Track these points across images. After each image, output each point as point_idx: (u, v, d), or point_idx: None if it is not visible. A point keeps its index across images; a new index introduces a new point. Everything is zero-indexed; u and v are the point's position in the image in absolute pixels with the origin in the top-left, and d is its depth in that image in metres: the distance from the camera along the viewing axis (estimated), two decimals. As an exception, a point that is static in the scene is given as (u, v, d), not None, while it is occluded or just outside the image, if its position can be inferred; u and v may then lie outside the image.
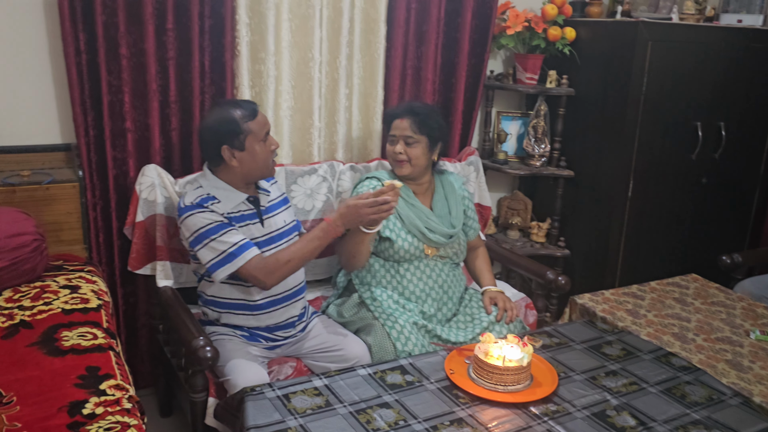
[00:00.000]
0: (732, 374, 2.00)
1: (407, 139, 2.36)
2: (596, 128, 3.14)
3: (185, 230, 2.06)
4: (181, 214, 2.06)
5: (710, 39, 3.10)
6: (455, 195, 2.50)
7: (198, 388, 2.03)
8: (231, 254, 2.00)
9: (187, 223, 2.04)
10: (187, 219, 2.04)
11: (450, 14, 2.93)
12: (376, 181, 2.41)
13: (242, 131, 2.06)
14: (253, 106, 2.12)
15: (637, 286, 2.61)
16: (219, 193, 2.10)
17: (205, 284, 2.17)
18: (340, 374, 1.89)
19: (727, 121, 3.25)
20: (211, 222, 2.02)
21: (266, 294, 2.14)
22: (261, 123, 2.10)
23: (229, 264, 2.00)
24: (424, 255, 2.38)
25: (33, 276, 2.03)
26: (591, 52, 3.12)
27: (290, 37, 2.62)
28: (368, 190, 2.35)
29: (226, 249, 2.00)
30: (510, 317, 2.37)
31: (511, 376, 1.83)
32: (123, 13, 2.31)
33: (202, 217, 2.02)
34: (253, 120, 2.08)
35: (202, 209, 2.03)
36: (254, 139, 2.08)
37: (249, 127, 2.07)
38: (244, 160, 2.08)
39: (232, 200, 2.11)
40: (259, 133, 2.09)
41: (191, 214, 2.03)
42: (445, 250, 2.42)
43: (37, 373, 1.58)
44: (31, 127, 2.40)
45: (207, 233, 2.01)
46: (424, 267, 2.38)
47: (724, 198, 3.41)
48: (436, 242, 2.37)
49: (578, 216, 3.30)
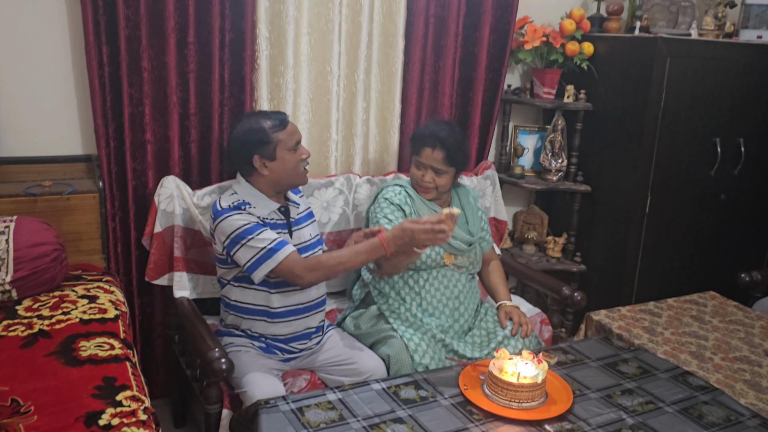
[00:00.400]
0: (750, 395, 1.97)
1: (437, 170, 2.35)
2: (614, 143, 3.13)
3: (220, 233, 2.08)
4: (217, 216, 2.08)
5: (729, 55, 3.08)
6: (471, 206, 2.52)
7: (212, 399, 2.04)
8: (270, 250, 2.02)
9: (223, 225, 2.06)
10: (223, 221, 2.06)
11: (468, 29, 2.94)
12: (400, 188, 2.42)
13: (272, 141, 2.10)
14: (282, 117, 2.16)
15: (654, 303, 2.59)
16: (253, 200, 2.13)
17: (230, 288, 2.18)
18: (353, 388, 1.89)
19: (747, 137, 3.22)
20: (247, 222, 2.05)
21: (286, 303, 2.16)
22: (290, 132, 2.14)
23: (268, 261, 2.02)
24: (443, 264, 2.38)
25: (52, 285, 2.06)
26: (609, 67, 3.11)
27: (309, 50, 2.65)
28: (397, 197, 2.38)
29: (264, 246, 2.02)
30: (525, 332, 2.36)
31: (526, 393, 1.82)
32: (146, 26, 2.34)
33: (238, 218, 2.05)
34: (283, 130, 2.12)
35: (239, 211, 2.07)
36: (284, 148, 2.12)
37: (278, 136, 2.11)
38: (275, 169, 2.12)
39: (265, 207, 2.14)
40: (288, 142, 2.12)
41: (227, 216, 2.06)
42: (462, 260, 2.42)
43: (54, 383, 1.59)
44: (54, 138, 2.45)
45: (243, 233, 2.03)
46: (441, 277, 2.39)
47: (743, 215, 3.38)
48: (457, 248, 2.38)
49: (595, 231, 3.28)
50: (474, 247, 2.45)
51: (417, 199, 2.42)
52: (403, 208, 2.38)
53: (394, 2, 2.74)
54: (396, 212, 2.37)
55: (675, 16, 3.23)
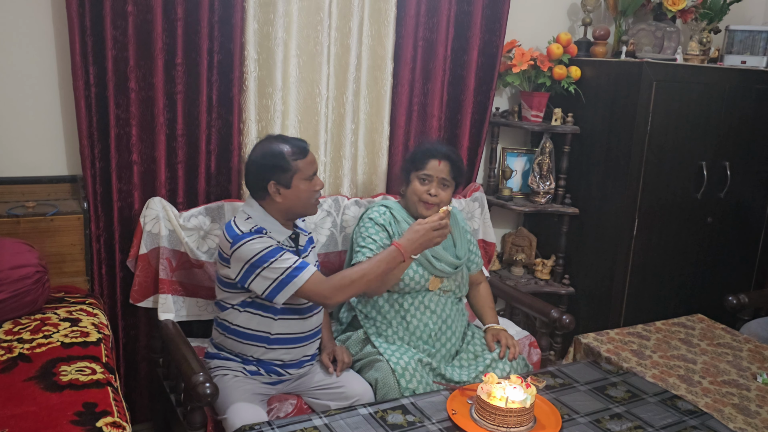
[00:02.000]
0: (739, 419, 1.96)
1: (443, 181, 2.36)
2: (601, 166, 3.15)
3: (239, 258, 2.01)
4: (237, 241, 2.02)
5: (714, 80, 3.12)
6: (458, 228, 2.51)
7: (196, 424, 2.00)
8: (290, 274, 1.97)
9: (244, 249, 2.00)
10: (243, 246, 2.00)
11: (456, 52, 2.96)
12: (384, 208, 2.42)
13: (290, 169, 2.06)
14: (303, 145, 2.12)
15: (642, 326, 2.58)
16: (268, 225, 2.09)
17: (232, 313, 2.13)
18: (340, 413, 1.87)
19: (732, 160, 3.25)
20: (268, 246, 2.00)
21: (287, 330, 2.13)
22: (309, 162, 2.11)
23: (291, 283, 1.98)
24: (427, 288, 2.36)
25: (34, 308, 2.02)
26: (596, 90, 3.14)
27: (298, 72, 2.65)
28: (381, 217, 2.37)
29: (286, 269, 1.98)
30: (513, 354, 2.35)
31: (514, 417, 1.80)
32: (133, 47, 2.34)
33: (260, 241, 2.01)
34: (303, 159, 2.09)
35: (260, 235, 2.02)
36: (301, 177, 2.08)
37: (298, 165, 2.07)
38: (288, 197, 2.08)
39: (279, 234, 2.11)
40: (306, 171, 2.09)
41: (248, 240, 2.01)
42: (449, 283, 2.41)
43: (33, 409, 1.55)
44: (38, 159, 2.42)
45: (266, 257, 1.98)
46: (428, 302, 2.37)
47: (730, 238, 3.40)
48: (441, 271, 2.37)
49: (583, 254, 3.29)
50: (460, 270, 2.44)
51: (402, 220, 2.41)
52: (387, 228, 2.37)
53: (383, 25, 2.76)
54: (381, 232, 2.36)
55: (660, 41, 3.27)
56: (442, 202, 2.37)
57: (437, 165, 2.35)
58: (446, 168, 2.36)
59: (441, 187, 2.37)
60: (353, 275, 2.04)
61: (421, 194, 2.37)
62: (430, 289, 2.37)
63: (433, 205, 2.36)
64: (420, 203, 2.38)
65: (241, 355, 2.16)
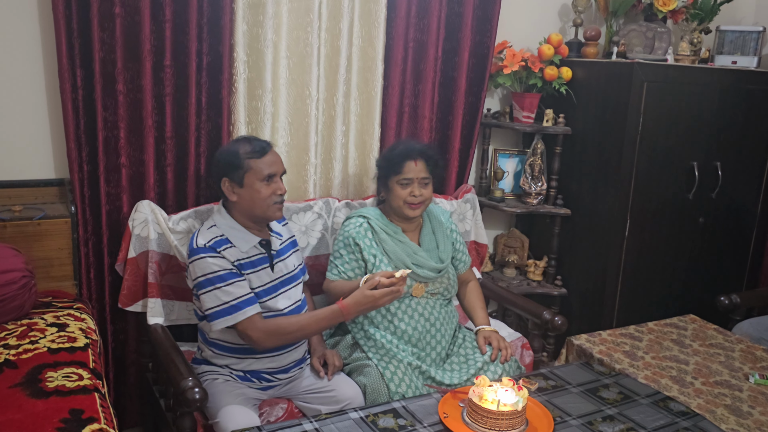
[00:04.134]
0: (731, 420, 1.95)
1: (423, 180, 2.36)
2: (593, 167, 3.14)
3: (192, 272, 2.03)
4: (192, 254, 2.03)
5: (705, 80, 3.12)
6: (442, 228, 2.49)
7: (186, 429, 1.98)
8: (234, 306, 1.97)
9: (197, 265, 2.01)
10: (197, 261, 2.01)
11: (447, 53, 2.95)
12: (362, 219, 2.40)
13: (242, 167, 2.05)
14: (263, 145, 2.10)
15: (634, 327, 2.58)
16: (233, 234, 2.07)
17: (208, 324, 2.11)
18: (331, 417, 1.85)
19: (724, 161, 3.25)
20: (220, 269, 1.99)
21: None
22: (267, 163, 2.07)
23: (229, 316, 1.97)
24: (410, 295, 2.35)
25: (20, 313, 2.00)
26: (587, 91, 3.14)
27: (287, 74, 2.63)
28: (356, 230, 2.35)
29: (229, 300, 1.97)
30: (504, 356, 2.34)
31: (506, 420, 1.79)
32: (121, 49, 2.32)
33: (212, 262, 1.99)
34: (258, 158, 2.06)
35: (214, 254, 2.00)
36: (255, 177, 2.05)
37: (250, 164, 2.05)
38: (243, 196, 2.07)
39: (245, 243, 2.08)
40: (261, 172, 2.06)
41: (201, 258, 2.00)
42: (435, 285, 2.40)
43: (18, 416, 1.53)
44: (25, 162, 2.40)
45: (214, 280, 1.98)
46: (415, 305, 2.36)
47: (722, 238, 3.40)
48: (424, 277, 2.35)
49: (575, 254, 3.28)
50: (445, 273, 2.43)
51: (381, 231, 2.38)
52: (359, 243, 2.35)
53: (373, 26, 2.75)
54: (349, 254, 2.37)
55: (651, 42, 3.27)
56: (426, 200, 2.37)
57: (414, 166, 2.35)
58: (423, 166, 2.37)
59: (422, 186, 2.37)
60: (290, 327, 2.05)
61: (405, 198, 2.36)
62: (415, 295, 2.36)
63: (419, 204, 2.36)
64: (405, 206, 2.37)
65: (227, 367, 2.14)
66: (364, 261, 2.34)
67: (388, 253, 2.34)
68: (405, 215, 2.37)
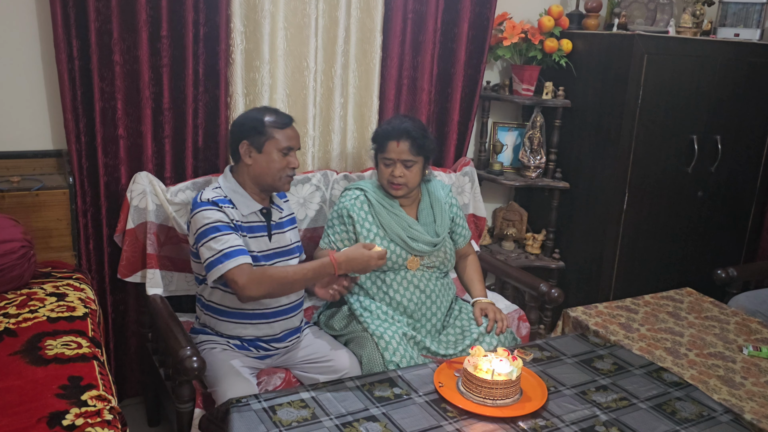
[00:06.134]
0: (723, 390, 1.98)
1: (405, 162, 2.33)
2: (592, 140, 3.13)
3: (193, 225, 2.06)
4: (194, 208, 2.06)
5: (706, 53, 3.09)
6: (440, 203, 2.48)
7: (184, 398, 2.01)
8: (225, 255, 1.97)
9: (196, 218, 2.04)
10: (198, 213, 2.04)
11: (447, 25, 2.93)
12: (359, 192, 2.40)
13: (265, 134, 2.09)
14: (287, 120, 2.15)
15: (630, 300, 2.59)
16: (236, 198, 2.11)
17: (206, 288, 2.15)
18: (327, 386, 1.87)
19: (724, 134, 3.24)
20: (217, 220, 2.01)
21: (257, 306, 2.12)
22: (287, 136, 2.12)
23: (221, 264, 1.96)
24: (406, 267, 2.36)
25: (20, 283, 2.01)
26: (587, 64, 3.11)
27: (285, 45, 2.62)
28: (351, 202, 2.37)
29: (222, 249, 1.97)
30: (500, 328, 2.35)
31: (500, 390, 1.81)
32: (117, 20, 2.30)
33: (210, 214, 2.02)
34: (280, 129, 2.11)
35: (215, 207, 2.04)
36: (274, 146, 2.10)
37: (273, 132, 2.10)
38: (258, 161, 2.10)
39: (247, 207, 2.12)
40: (281, 143, 2.10)
41: (202, 210, 2.03)
42: (431, 259, 2.41)
43: (18, 383, 1.56)
44: (22, 133, 2.40)
45: (210, 231, 2.00)
46: (411, 277, 2.37)
47: (720, 212, 3.40)
48: (419, 251, 2.36)
49: (573, 228, 3.29)
50: (441, 246, 2.43)
51: (377, 204, 2.38)
52: (352, 215, 2.36)
53: (371, -3, 2.72)
54: (340, 225, 2.38)
55: (653, 14, 3.23)
56: (410, 182, 2.34)
57: (396, 146, 2.32)
58: (405, 147, 2.31)
59: (404, 167, 2.33)
60: (277, 275, 2.01)
61: (387, 177, 2.36)
62: (410, 268, 2.37)
63: (400, 186, 2.34)
64: (388, 185, 2.37)
65: (222, 333, 2.17)
66: (355, 234, 2.35)
67: (384, 226, 2.35)
68: (391, 193, 2.38)
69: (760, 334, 2.37)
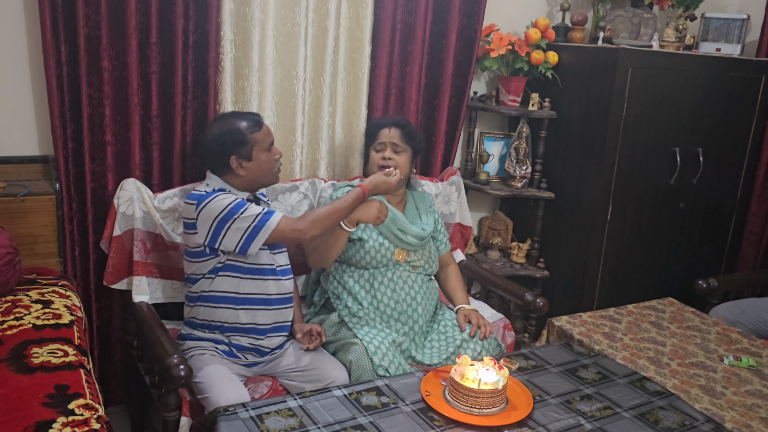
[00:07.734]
0: (705, 400, 2.01)
1: (395, 147, 2.48)
2: (577, 151, 3.17)
3: (208, 214, 2.06)
4: (202, 200, 2.08)
5: (689, 66, 3.15)
6: (425, 206, 2.61)
7: (171, 406, 2.00)
8: (261, 221, 2.04)
9: (210, 207, 2.06)
10: (209, 203, 2.06)
11: (435, 35, 2.95)
12: (350, 187, 2.50)
13: (248, 141, 2.15)
14: (257, 118, 2.23)
15: (614, 309, 2.63)
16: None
17: (204, 282, 2.16)
18: (315, 395, 1.88)
19: (705, 147, 3.29)
20: (234, 200, 2.07)
21: (254, 290, 2.16)
22: (266, 133, 2.21)
23: (262, 230, 2.04)
24: (393, 261, 2.39)
25: (5, 290, 2.00)
26: (573, 76, 3.16)
27: (275, 54, 2.62)
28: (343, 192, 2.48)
29: (250, 223, 2.04)
30: (483, 334, 2.38)
31: (487, 399, 1.83)
32: (106, 26, 2.29)
33: (224, 197, 2.07)
34: (259, 131, 2.18)
35: (223, 192, 2.11)
36: (260, 148, 2.17)
37: (255, 137, 2.17)
38: (251, 168, 2.17)
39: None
40: (264, 142, 2.19)
41: (213, 198, 2.07)
42: (417, 256, 2.44)
43: (3, 392, 1.54)
44: (9, 138, 2.38)
45: (234, 208, 2.05)
46: (397, 278, 2.40)
47: (702, 223, 3.45)
48: (407, 243, 2.41)
49: (558, 238, 3.32)
50: (426, 243, 2.49)
51: None
52: None
53: (360, 7, 2.74)
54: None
55: (637, 28, 3.29)
56: (400, 166, 2.46)
57: (387, 132, 2.50)
58: (396, 134, 2.49)
59: (395, 151, 2.48)
60: (324, 211, 2.14)
61: (377, 161, 2.49)
62: (397, 259, 2.41)
63: (389, 168, 2.43)
64: (379, 169, 2.46)
65: (214, 324, 2.17)
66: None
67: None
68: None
69: (740, 344, 2.41)
